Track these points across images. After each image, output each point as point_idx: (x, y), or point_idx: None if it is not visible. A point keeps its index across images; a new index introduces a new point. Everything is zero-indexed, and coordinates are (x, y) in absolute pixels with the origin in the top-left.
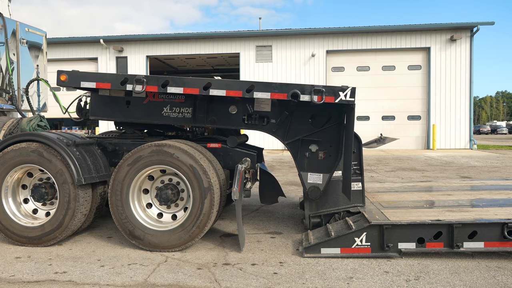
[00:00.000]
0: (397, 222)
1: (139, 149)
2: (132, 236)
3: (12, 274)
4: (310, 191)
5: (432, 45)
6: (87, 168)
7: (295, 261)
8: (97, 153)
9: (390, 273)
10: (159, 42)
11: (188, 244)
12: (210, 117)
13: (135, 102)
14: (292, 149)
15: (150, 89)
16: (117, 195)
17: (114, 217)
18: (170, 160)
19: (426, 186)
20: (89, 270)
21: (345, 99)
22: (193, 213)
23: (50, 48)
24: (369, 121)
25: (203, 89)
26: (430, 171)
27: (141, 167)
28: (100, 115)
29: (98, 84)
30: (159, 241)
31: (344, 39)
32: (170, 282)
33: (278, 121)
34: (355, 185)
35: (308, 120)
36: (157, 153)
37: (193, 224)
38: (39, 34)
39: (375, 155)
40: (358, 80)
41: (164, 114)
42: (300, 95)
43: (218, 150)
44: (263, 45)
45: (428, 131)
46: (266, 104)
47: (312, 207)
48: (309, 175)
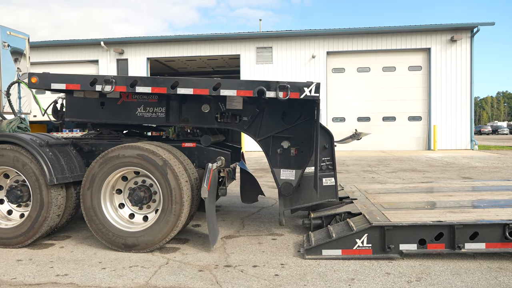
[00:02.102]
0: (398, 223)
1: (109, 151)
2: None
3: (14, 277)
4: (282, 187)
5: (432, 46)
6: (60, 168)
7: (296, 263)
8: (72, 153)
9: (392, 275)
10: (160, 44)
11: (159, 245)
12: (183, 116)
13: (109, 103)
14: (264, 146)
15: (119, 89)
16: (88, 197)
17: (87, 220)
18: (137, 162)
19: (427, 187)
20: (90, 272)
21: (310, 94)
22: (163, 213)
23: (51, 51)
24: (370, 122)
25: (170, 88)
26: (431, 172)
27: (111, 169)
28: (75, 116)
29: (68, 85)
30: (130, 241)
31: (344, 40)
32: (171, 284)
33: (250, 118)
34: (328, 180)
35: (279, 117)
36: (124, 155)
37: (163, 224)
38: (21, 37)
39: (376, 156)
40: (359, 81)
41: (138, 114)
42: (266, 92)
43: (192, 149)
44: (263, 47)
45: (429, 132)
46: (238, 102)
47: (286, 203)
48: (282, 171)
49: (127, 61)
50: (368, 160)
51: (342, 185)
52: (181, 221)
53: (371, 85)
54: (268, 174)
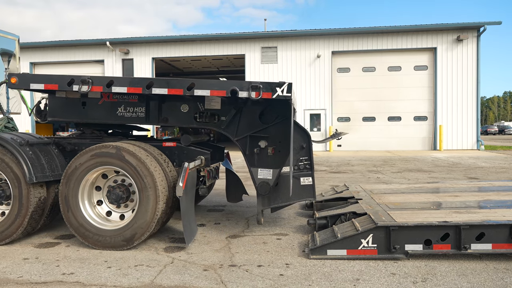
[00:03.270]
0: (403, 224)
1: (87, 151)
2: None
3: (20, 275)
4: (259, 186)
5: (438, 45)
6: (40, 167)
7: (301, 263)
8: (54, 152)
9: (397, 275)
10: (165, 44)
11: (135, 243)
12: (163, 116)
13: (90, 103)
14: (241, 145)
15: (95, 89)
16: (66, 196)
17: (64, 215)
18: (114, 161)
19: (433, 187)
20: (96, 271)
21: (282, 94)
22: (139, 212)
23: (56, 51)
24: (375, 122)
25: (146, 88)
26: (437, 172)
27: (88, 169)
28: (57, 116)
29: (46, 85)
30: (104, 239)
31: (349, 40)
32: (176, 284)
33: (227, 118)
34: (306, 179)
35: (257, 116)
36: (100, 154)
37: (139, 223)
38: (11, 38)
39: (381, 156)
40: (364, 81)
41: (119, 114)
42: (239, 92)
43: (173, 149)
44: (268, 46)
45: (434, 132)
46: (216, 102)
47: (265, 202)
48: (259, 170)
49: (132, 61)
50: (373, 160)
51: (347, 185)
52: (156, 220)
53: (376, 84)
54: None
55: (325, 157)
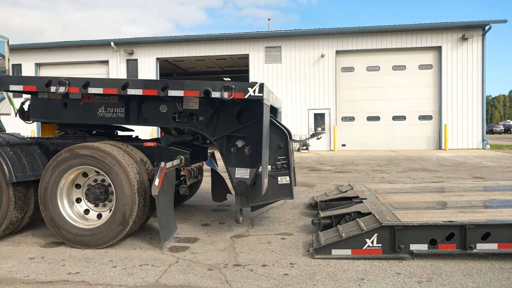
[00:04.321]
0: (408, 223)
1: (65, 151)
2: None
3: (27, 275)
4: (236, 185)
5: (443, 44)
6: (21, 167)
7: (305, 262)
8: (36, 153)
9: (402, 275)
10: (169, 44)
11: (112, 242)
12: (143, 116)
13: (72, 103)
14: (219, 145)
15: (72, 90)
16: (45, 193)
17: (44, 215)
18: (90, 161)
19: (438, 186)
20: (101, 270)
21: (254, 94)
22: (115, 210)
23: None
24: (380, 121)
25: (121, 89)
26: (442, 172)
27: (66, 168)
28: (40, 117)
29: (24, 87)
30: (82, 237)
31: (353, 39)
32: (181, 283)
33: (205, 118)
34: (283, 179)
35: (234, 116)
36: (77, 154)
37: (116, 222)
38: (1, 40)
39: (386, 155)
40: (368, 80)
41: (100, 115)
42: (212, 92)
43: (153, 148)
44: (272, 46)
45: (439, 131)
46: (194, 102)
47: (243, 201)
48: (237, 170)
49: (136, 61)
50: (378, 160)
51: (351, 185)
52: (132, 219)
53: (380, 84)
54: None
55: (329, 156)
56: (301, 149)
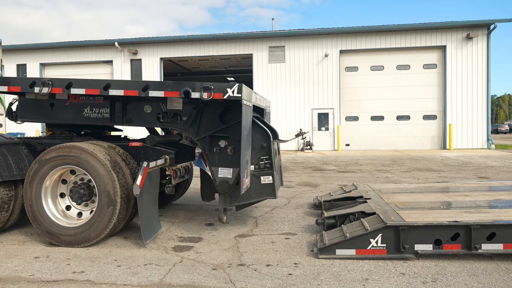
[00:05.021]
0: (413, 223)
1: (48, 151)
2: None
3: (32, 274)
4: (219, 185)
5: (448, 43)
6: (6, 166)
7: (310, 262)
8: (23, 152)
9: (407, 275)
10: (173, 44)
11: (94, 241)
12: (128, 116)
13: (58, 104)
14: (202, 145)
15: (55, 90)
16: (30, 194)
17: (28, 212)
18: (72, 160)
19: (442, 186)
20: (106, 270)
21: (232, 95)
22: (98, 209)
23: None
24: (384, 121)
25: (103, 89)
26: (447, 172)
27: (50, 167)
28: (27, 117)
29: (9, 87)
30: (66, 236)
31: (357, 39)
32: (185, 283)
33: (189, 118)
34: (266, 178)
35: (217, 117)
36: (61, 155)
37: (98, 220)
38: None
39: (390, 155)
40: (372, 80)
41: (85, 115)
42: (191, 93)
43: (139, 148)
44: (276, 46)
45: (444, 131)
46: (178, 103)
47: (226, 200)
48: (220, 169)
49: (140, 61)
50: (382, 160)
51: (355, 185)
52: (115, 218)
53: (384, 83)
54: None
55: (333, 156)
56: (305, 149)
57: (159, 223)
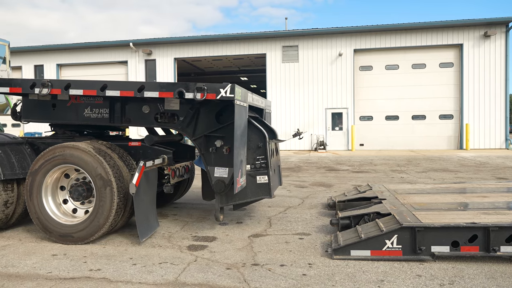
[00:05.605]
0: (429, 225)
1: (48, 150)
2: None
3: (49, 271)
4: (215, 184)
5: (464, 42)
6: (9, 165)
7: (324, 263)
8: (27, 152)
9: (423, 277)
10: (187, 44)
11: (91, 238)
12: (126, 117)
13: (60, 104)
14: (199, 145)
15: (55, 91)
16: (31, 192)
17: (29, 210)
18: (72, 160)
19: (459, 187)
20: (122, 268)
21: (225, 95)
22: (95, 207)
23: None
24: (399, 120)
25: (100, 90)
26: (464, 172)
27: (50, 166)
28: (30, 117)
29: (11, 89)
30: (64, 233)
31: (372, 38)
32: (200, 282)
33: (185, 118)
34: (262, 178)
35: (213, 117)
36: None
37: (98, 218)
38: (1, 43)
39: (405, 155)
40: (387, 79)
41: (86, 115)
42: (185, 93)
43: (138, 148)
44: (289, 45)
45: (461, 131)
46: (175, 103)
47: (223, 200)
48: (216, 169)
49: (155, 61)
50: (397, 160)
51: (370, 185)
52: (113, 216)
53: (400, 82)
54: (294, 174)
55: (347, 156)
56: (319, 149)
57: (156, 221)
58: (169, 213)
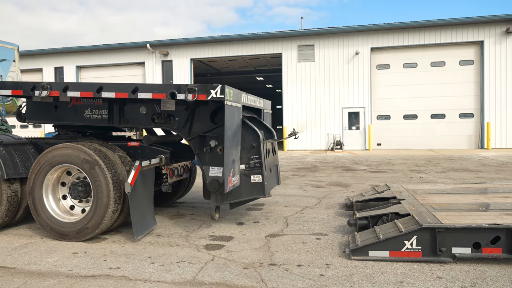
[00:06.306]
0: (450, 226)
1: (48, 150)
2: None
3: (70, 269)
4: (209, 183)
5: (485, 39)
6: (12, 165)
7: (341, 263)
8: (30, 152)
9: (444, 279)
10: (202, 45)
11: (88, 236)
12: (124, 117)
13: (61, 106)
14: (194, 145)
15: (54, 93)
16: (32, 189)
17: (30, 207)
18: (70, 159)
19: (481, 187)
20: (140, 266)
21: (216, 96)
22: (93, 206)
23: (99, 55)
24: (417, 119)
25: (96, 92)
26: (485, 172)
27: (50, 166)
28: (34, 119)
29: (13, 91)
30: (63, 230)
31: (389, 36)
32: (217, 281)
33: (181, 119)
34: (256, 177)
35: (208, 117)
36: (58, 153)
37: (95, 217)
38: (10, 47)
39: (424, 155)
40: (405, 78)
41: (86, 116)
42: (177, 94)
43: (137, 148)
44: (305, 45)
45: (481, 130)
46: (171, 104)
47: (218, 198)
48: (210, 168)
49: (171, 62)
50: (416, 159)
51: (388, 185)
52: (110, 214)
53: (418, 81)
54: (310, 173)
55: (364, 156)
56: (335, 149)
57: (153, 219)
58: (186, 212)
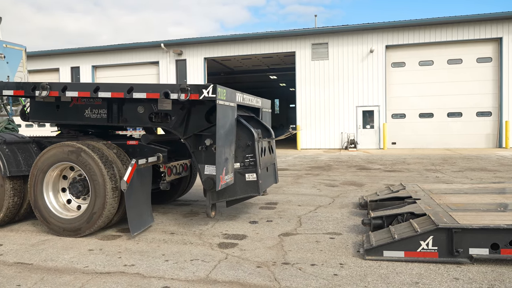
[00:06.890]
0: (467, 226)
1: (49, 149)
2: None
3: (86, 265)
4: (204, 182)
5: (504, 35)
6: (15, 163)
7: (356, 263)
8: (33, 150)
9: (461, 280)
10: (216, 44)
11: (86, 232)
12: (123, 117)
13: (63, 105)
14: (189, 143)
15: (53, 93)
16: (33, 187)
17: (32, 204)
18: (69, 157)
19: (499, 187)
20: (154, 264)
21: (208, 95)
22: (91, 203)
23: (114, 54)
24: (433, 118)
25: (93, 92)
26: (503, 172)
27: (50, 164)
28: (37, 118)
29: (15, 92)
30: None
31: (404, 33)
32: (231, 279)
33: (177, 118)
34: (250, 176)
35: (203, 116)
36: (58, 152)
37: (92, 214)
38: (18, 49)
39: (440, 154)
40: (421, 76)
41: (86, 116)
42: (171, 94)
43: (135, 147)
44: (319, 43)
45: (500, 128)
46: (167, 103)
47: (213, 196)
48: (206, 167)
49: (185, 61)
50: (431, 159)
51: (403, 184)
52: (106, 210)
53: (434, 79)
54: (324, 172)
55: (378, 155)
56: (349, 147)
57: (151, 217)
58: (200, 210)
